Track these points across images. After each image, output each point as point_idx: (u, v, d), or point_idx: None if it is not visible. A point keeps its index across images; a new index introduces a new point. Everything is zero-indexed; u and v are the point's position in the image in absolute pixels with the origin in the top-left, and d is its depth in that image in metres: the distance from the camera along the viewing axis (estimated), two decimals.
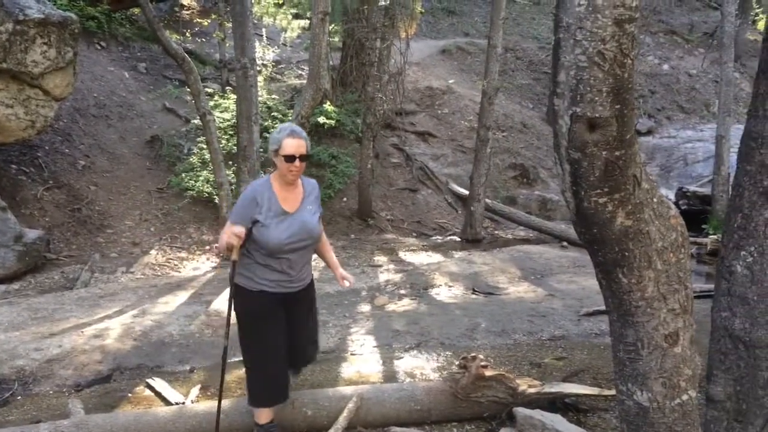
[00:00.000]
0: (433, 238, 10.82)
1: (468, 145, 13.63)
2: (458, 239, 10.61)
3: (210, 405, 3.78)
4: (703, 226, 10.92)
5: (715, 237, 9.53)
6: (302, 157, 3.27)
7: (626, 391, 2.34)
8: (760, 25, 17.78)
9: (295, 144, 3.24)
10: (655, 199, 2.29)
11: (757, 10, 19.01)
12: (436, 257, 9.01)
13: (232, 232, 3.15)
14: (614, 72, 2.16)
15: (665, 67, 19.53)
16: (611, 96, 2.16)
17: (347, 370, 4.82)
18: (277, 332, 3.44)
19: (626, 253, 2.20)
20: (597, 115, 2.16)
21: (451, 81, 16.31)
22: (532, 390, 3.90)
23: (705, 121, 17.32)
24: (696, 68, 19.41)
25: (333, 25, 12.45)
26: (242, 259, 3.36)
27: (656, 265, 2.23)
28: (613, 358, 2.40)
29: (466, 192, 11.47)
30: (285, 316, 3.47)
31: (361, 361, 5.00)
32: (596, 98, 2.15)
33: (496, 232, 11.49)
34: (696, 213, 11.28)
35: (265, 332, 3.41)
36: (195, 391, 4.45)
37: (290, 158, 3.24)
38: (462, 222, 11.12)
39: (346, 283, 3.59)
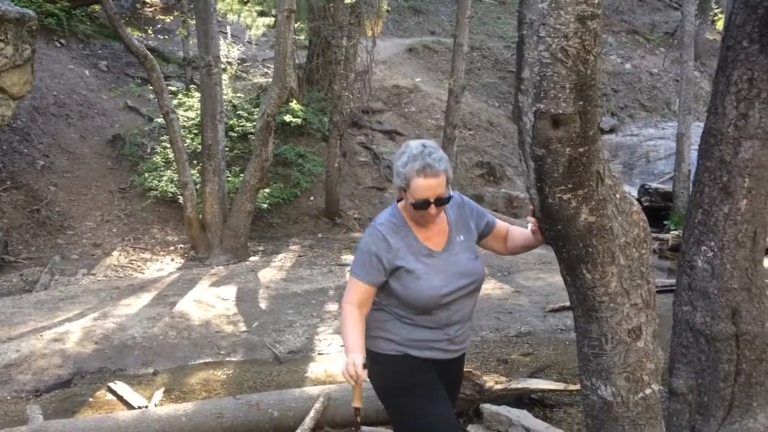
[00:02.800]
0: None
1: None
2: None
3: (174, 408, 3.72)
4: (665, 222, 11.13)
5: (676, 233, 9.71)
6: (439, 201, 2.37)
7: (590, 386, 2.36)
8: (719, 25, 18.19)
9: (429, 185, 2.31)
10: (617, 196, 2.31)
11: (716, 11, 19.43)
12: None
13: (352, 364, 2.20)
14: (577, 68, 2.16)
15: (627, 66, 19.85)
16: (574, 92, 2.17)
17: (314, 369, 4.79)
18: (444, 404, 2.47)
19: (590, 249, 2.21)
20: (560, 111, 2.16)
21: (417, 79, 16.34)
22: (498, 386, 3.92)
23: (666, 120, 17.66)
24: (657, 67, 19.77)
25: (299, 23, 12.35)
26: (373, 314, 2.47)
27: (619, 261, 2.25)
28: (578, 354, 2.42)
29: None
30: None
31: (328, 361, 4.98)
32: (560, 95, 2.15)
33: None
34: (658, 209, 11.49)
35: (428, 406, 2.42)
36: (158, 394, 4.37)
37: (423, 204, 2.34)
38: None
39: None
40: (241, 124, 11.49)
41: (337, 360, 4.99)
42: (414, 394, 2.41)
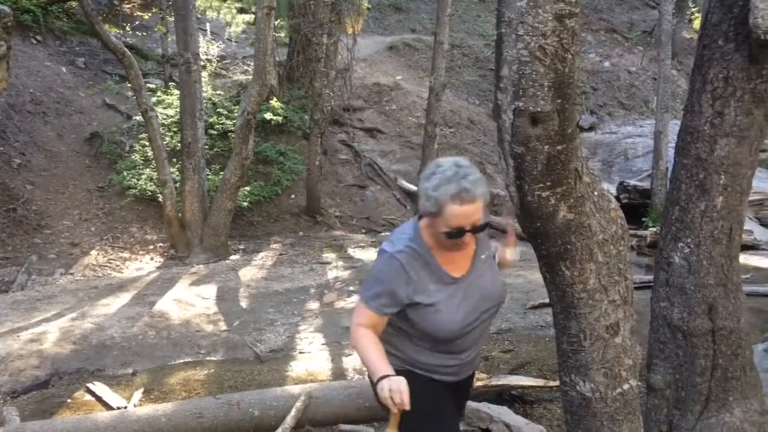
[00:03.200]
0: (383, 234, 10.82)
1: (416, 141, 13.68)
2: None
3: (153, 409, 3.69)
4: (643, 219, 11.23)
5: (654, 229, 9.80)
6: (476, 228, 2.15)
7: (569, 382, 2.38)
8: (696, 24, 18.41)
9: (465, 212, 2.09)
10: (596, 193, 2.32)
11: (693, 9, 19.65)
12: None
13: (397, 390, 1.99)
14: (555, 67, 2.18)
15: (606, 64, 20.01)
16: (553, 90, 2.18)
17: (296, 368, 4.78)
18: (452, 425, 2.35)
19: (568, 246, 2.23)
20: (539, 109, 2.18)
21: (398, 77, 16.34)
22: (479, 383, 3.94)
23: (644, 117, 17.83)
24: (635, 66, 19.94)
25: (279, 21, 12.29)
26: (390, 329, 2.28)
27: (597, 258, 2.27)
28: (557, 350, 2.44)
29: (414, 188, 11.51)
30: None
31: (309, 360, 4.97)
32: (538, 93, 2.16)
33: None
34: (636, 206, 11.59)
35: (434, 428, 2.28)
36: (138, 394, 4.33)
37: (457, 233, 2.12)
38: (410, 218, 11.15)
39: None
40: (221, 121, 11.41)
41: (319, 358, 4.98)
42: (418, 415, 2.12)
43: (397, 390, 1.99)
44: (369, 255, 8.89)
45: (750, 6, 2.68)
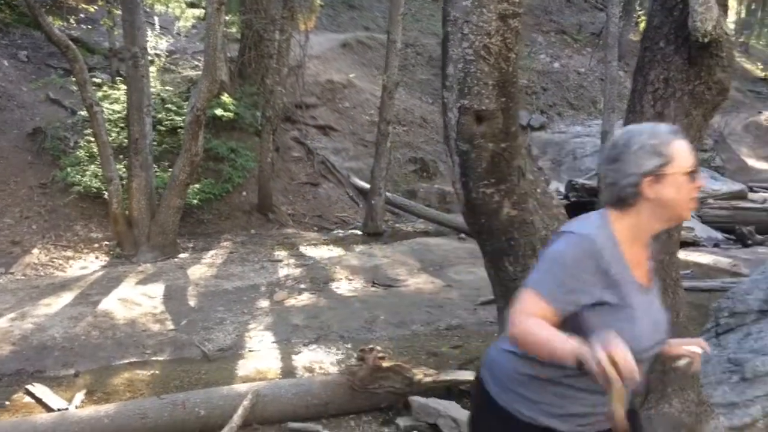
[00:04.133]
0: (335, 232, 10.79)
1: (369, 139, 13.68)
2: (359, 233, 10.64)
3: (95, 410, 3.60)
4: None
5: None
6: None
7: None
8: (642, 27, 18.93)
9: (688, 149, 1.71)
10: (539, 190, 2.37)
11: (640, 13, 20.17)
12: (337, 251, 8.99)
13: (615, 351, 1.40)
14: (499, 66, 2.20)
15: (556, 65, 20.38)
16: (497, 89, 2.21)
17: (244, 367, 4.72)
18: None
19: (512, 243, 2.27)
20: (484, 107, 2.20)
21: (351, 75, 16.29)
22: (428, 379, 3.97)
23: (592, 117, 18.22)
24: (584, 67, 20.36)
25: (230, 16, 12.11)
26: (510, 360, 1.82)
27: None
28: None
29: (367, 186, 11.51)
30: None
31: (258, 358, 4.92)
32: (483, 91, 2.19)
33: (397, 225, 11.60)
34: (585, 204, 11.84)
35: None
36: (80, 396, 4.22)
37: (695, 174, 1.70)
38: (363, 216, 11.15)
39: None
40: (170, 117, 11.17)
41: (268, 357, 4.93)
42: None
43: (616, 350, 1.40)
44: (321, 252, 8.87)
45: (689, 9, 2.77)
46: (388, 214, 11.62)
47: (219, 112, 11.33)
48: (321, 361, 4.83)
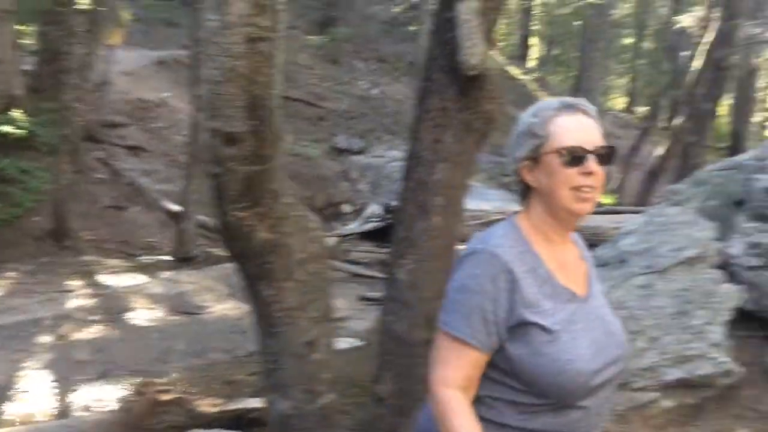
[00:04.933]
0: (141, 258, 10.21)
1: (183, 160, 13.17)
2: (169, 258, 10.16)
3: None
4: None
5: None
6: (603, 154, 1.43)
7: (272, 401, 2.39)
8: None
9: (580, 123, 1.43)
10: (296, 213, 2.38)
11: None
12: (140, 278, 8.50)
13: None
14: (248, 89, 2.19)
15: (375, 91, 21.12)
16: (246, 112, 2.19)
17: (10, 410, 4.26)
18: None
19: (267, 266, 2.25)
20: (233, 130, 2.17)
21: (166, 94, 15.67)
22: (214, 409, 3.84)
23: (408, 143, 19.09)
24: (402, 94, 21.31)
25: (24, 26, 11.17)
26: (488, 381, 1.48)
27: (296, 276, 2.32)
28: (262, 369, 2.44)
29: (179, 208, 11.04)
30: None
31: (29, 399, 4.47)
32: (232, 113, 2.16)
33: (210, 249, 11.22)
34: None
35: None
36: None
37: (578, 158, 1.40)
38: (174, 240, 10.67)
39: None
40: None
41: (40, 397, 4.50)
42: None
43: None
44: (121, 281, 8.34)
45: (457, 43, 2.96)
46: (203, 239, 11.22)
47: (8, 128, 10.36)
48: (102, 399, 4.50)
